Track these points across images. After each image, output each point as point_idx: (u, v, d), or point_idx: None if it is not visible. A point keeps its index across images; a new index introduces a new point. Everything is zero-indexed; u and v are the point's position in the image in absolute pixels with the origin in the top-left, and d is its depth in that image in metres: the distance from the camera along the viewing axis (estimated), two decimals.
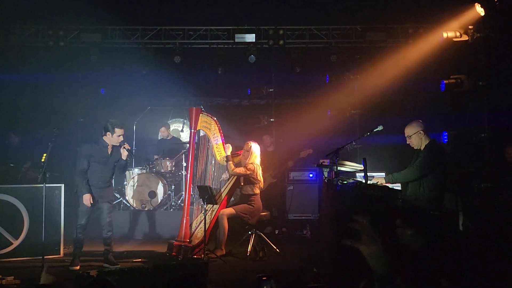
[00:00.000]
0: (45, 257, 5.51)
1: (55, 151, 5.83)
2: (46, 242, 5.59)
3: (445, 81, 7.49)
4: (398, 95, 8.72)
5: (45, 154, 5.34)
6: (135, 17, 8.69)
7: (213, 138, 6.54)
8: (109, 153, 5.92)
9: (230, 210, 6.37)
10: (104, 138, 5.90)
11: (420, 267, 3.51)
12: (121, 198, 8.53)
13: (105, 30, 8.81)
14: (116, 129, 5.88)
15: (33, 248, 6.01)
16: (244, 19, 8.87)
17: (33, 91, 9.00)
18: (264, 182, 6.90)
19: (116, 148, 5.99)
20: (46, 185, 5.64)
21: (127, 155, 6.08)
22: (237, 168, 6.44)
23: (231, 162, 6.45)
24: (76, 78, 9.48)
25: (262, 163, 6.79)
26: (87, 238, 6.09)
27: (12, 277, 4.93)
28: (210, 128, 6.53)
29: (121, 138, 5.94)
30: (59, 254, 6.25)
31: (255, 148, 6.54)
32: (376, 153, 8.10)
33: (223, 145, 6.57)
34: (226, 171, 6.66)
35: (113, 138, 5.90)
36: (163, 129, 9.28)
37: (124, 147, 5.97)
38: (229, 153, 6.47)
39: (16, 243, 6.17)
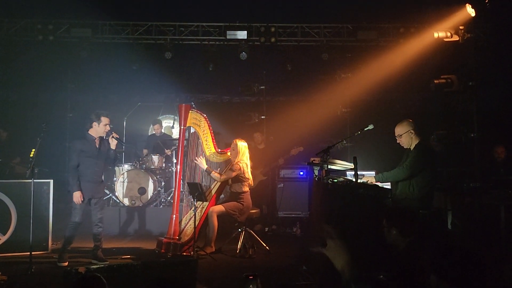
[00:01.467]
0: (33, 253, 5.43)
1: (44, 147, 5.76)
2: (34, 238, 5.53)
3: (435, 81, 7.54)
4: (389, 94, 8.77)
5: (33, 150, 5.28)
6: (126, 12, 8.63)
7: (203, 135, 6.51)
8: (97, 146, 5.85)
9: (219, 208, 6.35)
10: (90, 131, 5.82)
11: (407, 264, 3.55)
12: (110, 195, 8.47)
13: (96, 25, 8.75)
14: (102, 118, 5.81)
15: (21, 244, 5.94)
16: (236, 16, 8.86)
17: (22, 86, 8.91)
18: (254, 179, 6.89)
19: (103, 140, 5.91)
20: (35, 180, 5.57)
21: (116, 144, 5.98)
22: (223, 175, 6.41)
23: (213, 172, 6.42)
24: (65, 73, 9.40)
25: (252, 161, 6.77)
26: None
27: None
28: (200, 125, 6.49)
29: (108, 127, 5.86)
30: (47, 250, 6.18)
31: (241, 145, 6.52)
32: (366, 152, 8.14)
33: (213, 141, 6.55)
34: (217, 168, 6.64)
35: (99, 128, 5.82)
36: (156, 126, 9.22)
37: (112, 136, 5.89)
38: (205, 166, 6.43)
39: (3, 238, 6.10)
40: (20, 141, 7.67)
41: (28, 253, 5.35)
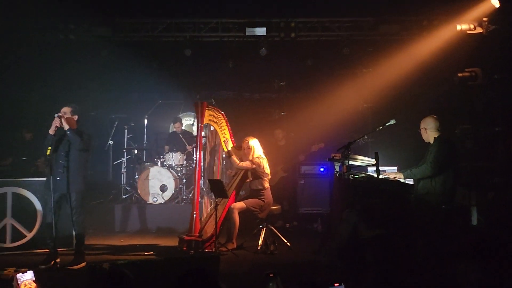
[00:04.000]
0: (58, 249, 5.52)
1: None
2: (59, 234, 5.61)
3: (459, 74, 7.39)
4: (412, 88, 8.62)
5: (49, 148, 5.35)
6: (146, 10, 8.66)
7: (221, 131, 6.53)
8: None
9: (240, 204, 6.36)
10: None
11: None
12: (132, 192, 8.56)
13: (116, 24, 8.80)
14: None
15: (46, 241, 6.04)
16: (255, 12, 8.81)
17: (44, 86, 9.04)
18: (275, 176, 6.89)
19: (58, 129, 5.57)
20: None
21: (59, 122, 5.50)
22: (242, 162, 6.42)
23: (234, 157, 6.43)
24: (87, 72, 9.52)
25: (273, 157, 6.77)
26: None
27: (26, 269, 4.95)
28: (217, 122, 6.51)
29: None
30: (72, 247, 6.26)
31: (253, 143, 6.52)
32: (388, 147, 8.03)
33: (231, 138, 6.56)
34: (231, 161, 6.64)
35: None
36: (177, 124, 9.27)
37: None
38: (230, 148, 6.44)
39: (29, 235, 6.22)
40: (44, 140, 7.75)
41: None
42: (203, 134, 6.75)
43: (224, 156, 6.56)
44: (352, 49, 8.79)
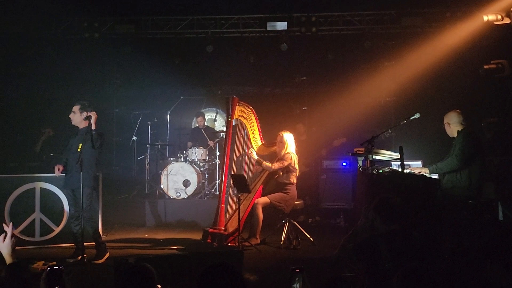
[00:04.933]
0: (84, 243, 5.64)
1: None
2: (85, 229, 5.72)
3: (485, 66, 7.25)
4: (435, 81, 8.49)
5: (80, 144, 5.46)
6: (168, 7, 8.73)
7: (250, 127, 6.55)
8: None
9: (264, 199, 6.38)
10: None
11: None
12: (156, 187, 8.67)
13: (139, 21, 8.91)
14: None
15: (73, 234, 6.18)
16: (276, 6, 8.79)
17: (69, 83, 9.21)
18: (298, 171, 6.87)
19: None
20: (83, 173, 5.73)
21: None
22: (276, 164, 6.42)
23: (264, 163, 6.44)
24: (111, 69, 9.66)
25: (296, 152, 6.76)
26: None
27: (54, 262, 5.08)
28: (247, 118, 6.54)
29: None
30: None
31: (287, 137, 6.52)
32: (412, 141, 7.93)
33: (259, 134, 6.58)
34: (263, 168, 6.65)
35: None
36: (199, 118, 9.33)
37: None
38: (255, 157, 6.45)
39: (57, 230, 6.37)
40: (68, 137, 7.89)
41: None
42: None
43: (254, 149, 6.56)
44: (374, 43, 8.70)
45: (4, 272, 2.92)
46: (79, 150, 5.43)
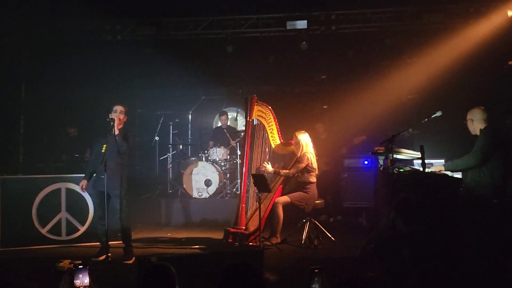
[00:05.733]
0: (109, 242, 5.74)
1: None
2: (109, 228, 5.83)
3: (510, 62, 7.12)
4: (458, 78, 8.35)
5: (105, 145, 5.56)
6: (188, 9, 8.82)
7: (268, 126, 6.58)
8: None
9: (285, 198, 6.40)
10: None
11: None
12: (178, 187, 8.78)
13: (160, 23, 9.03)
14: None
15: (98, 234, 6.30)
16: (295, 5, 8.79)
17: (93, 84, 9.40)
18: (317, 169, 6.87)
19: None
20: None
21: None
22: (292, 169, 6.44)
23: (282, 171, 6.47)
24: (133, 70, 9.82)
25: (315, 151, 6.75)
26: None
27: (80, 261, 5.19)
28: (265, 117, 6.57)
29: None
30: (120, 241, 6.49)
31: (303, 137, 6.53)
32: (434, 139, 7.82)
33: (278, 134, 6.60)
34: (281, 162, 6.69)
35: None
36: (223, 117, 9.39)
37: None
38: (270, 169, 6.48)
39: (82, 229, 6.52)
40: (89, 136, 8.03)
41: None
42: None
43: (272, 149, 6.60)
44: (394, 40, 8.63)
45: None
46: (102, 151, 5.53)
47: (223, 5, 8.84)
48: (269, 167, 6.51)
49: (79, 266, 4.11)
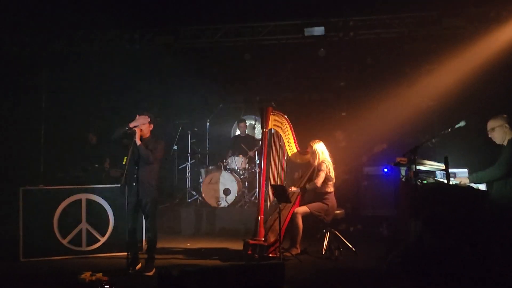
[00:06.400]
0: (129, 253, 5.74)
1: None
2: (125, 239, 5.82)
3: None
4: (480, 84, 8.20)
5: (125, 157, 5.56)
6: (206, 17, 8.85)
7: (285, 136, 6.53)
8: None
9: (304, 209, 6.34)
10: None
11: None
12: (197, 196, 8.78)
13: (178, 31, 9.08)
14: None
15: (118, 244, 6.34)
16: (313, 12, 8.75)
17: (111, 94, 9.49)
18: (337, 178, 6.79)
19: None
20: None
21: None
22: (317, 179, 6.36)
23: (308, 186, 6.43)
24: (151, 79, 9.88)
25: (334, 160, 6.68)
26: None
27: (101, 273, 5.22)
28: (282, 127, 6.52)
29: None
30: (142, 251, 6.50)
31: (318, 147, 6.47)
32: (457, 147, 7.66)
33: (295, 142, 6.56)
34: (299, 169, 6.64)
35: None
36: (242, 124, 9.38)
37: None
38: (294, 190, 6.44)
39: (103, 240, 6.54)
40: (108, 145, 8.08)
41: (125, 253, 5.66)
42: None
43: (290, 158, 6.57)
44: (414, 46, 8.53)
45: None
46: (124, 163, 5.52)
47: (241, 13, 8.85)
48: (293, 189, 6.47)
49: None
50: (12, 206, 6.46)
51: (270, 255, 6.10)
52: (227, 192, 8.32)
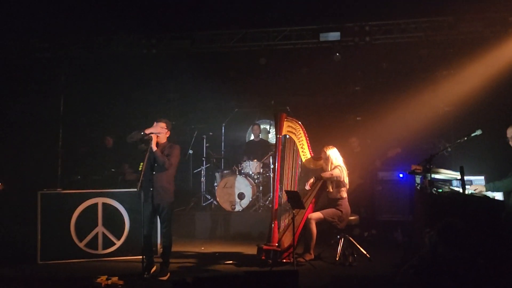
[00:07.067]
0: (144, 257, 5.80)
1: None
2: (137, 243, 5.89)
3: None
4: (498, 90, 8.10)
5: (142, 163, 5.62)
6: (222, 22, 8.90)
7: (298, 142, 6.55)
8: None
9: (318, 215, 6.34)
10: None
11: None
12: (212, 200, 8.83)
13: (194, 36, 9.15)
14: None
15: (134, 248, 6.41)
16: (329, 17, 8.74)
17: (128, 99, 9.60)
18: (351, 183, 6.78)
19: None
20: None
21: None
22: (329, 172, 6.39)
23: (322, 174, 6.44)
24: (167, 83, 9.97)
25: (349, 165, 6.67)
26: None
27: (117, 277, 5.30)
28: (295, 133, 6.54)
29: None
30: (157, 254, 6.56)
31: (331, 153, 6.46)
32: (473, 154, 7.60)
33: (308, 148, 6.56)
34: (314, 177, 6.64)
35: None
36: (255, 127, 9.45)
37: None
38: (311, 181, 6.53)
39: (118, 243, 6.62)
40: (126, 148, 8.16)
41: (141, 256, 5.73)
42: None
43: (303, 163, 6.60)
44: (430, 51, 8.46)
45: None
46: (140, 169, 5.59)
47: (256, 18, 8.88)
48: (310, 182, 6.51)
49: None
50: (30, 210, 6.58)
51: (284, 260, 6.12)
52: (241, 196, 8.35)
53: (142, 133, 5.60)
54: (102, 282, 5.21)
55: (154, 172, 5.58)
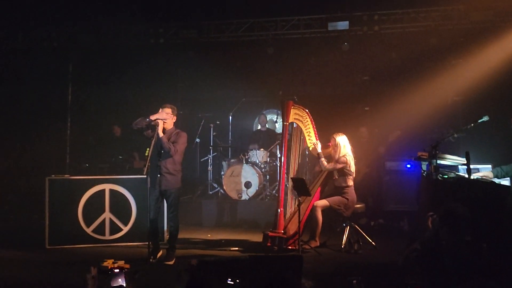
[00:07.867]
0: (151, 242, 5.83)
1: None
2: (145, 229, 5.92)
3: None
4: (507, 79, 8.01)
5: (148, 149, 5.65)
6: (229, 11, 8.89)
7: (305, 129, 6.54)
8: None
9: (324, 202, 6.34)
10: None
11: None
12: (218, 188, 8.86)
13: (201, 26, 9.14)
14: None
15: (140, 234, 6.46)
16: (337, 6, 8.68)
17: (136, 88, 9.64)
18: (358, 173, 6.77)
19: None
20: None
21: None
22: (330, 164, 6.39)
23: (323, 159, 6.41)
24: (175, 72, 9.99)
25: (356, 154, 6.66)
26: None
27: (123, 261, 5.34)
28: (302, 120, 6.53)
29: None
30: (163, 241, 6.60)
31: (341, 140, 6.44)
32: (481, 142, 7.53)
33: (315, 136, 6.55)
34: (320, 163, 6.62)
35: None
36: (262, 117, 9.47)
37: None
38: (319, 150, 6.43)
39: (125, 229, 6.68)
40: (134, 136, 8.19)
41: (147, 242, 5.77)
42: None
43: (310, 152, 6.59)
44: (440, 40, 8.35)
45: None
46: (146, 154, 5.61)
47: (264, 7, 8.84)
48: (319, 147, 6.47)
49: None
50: (39, 195, 6.65)
51: (289, 247, 6.14)
52: (248, 185, 8.37)
53: (148, 119, 5.62)
54: (109, 265, 5.25)
55: (160, 158, 5.60)
